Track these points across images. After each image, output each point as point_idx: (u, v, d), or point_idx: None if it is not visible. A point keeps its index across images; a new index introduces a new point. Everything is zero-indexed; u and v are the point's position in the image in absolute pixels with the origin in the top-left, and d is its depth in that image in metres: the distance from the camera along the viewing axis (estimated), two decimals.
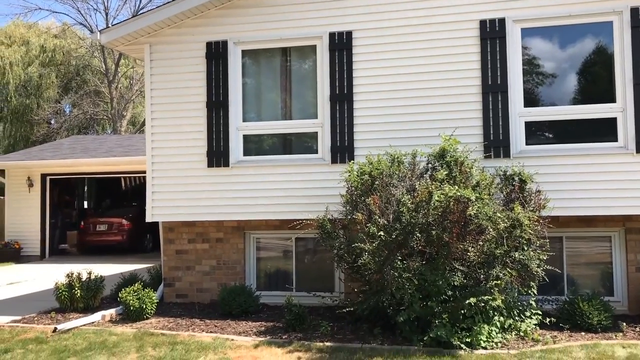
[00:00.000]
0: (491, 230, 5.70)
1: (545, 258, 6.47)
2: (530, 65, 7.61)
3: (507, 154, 7.38)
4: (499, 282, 5.83)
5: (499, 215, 5.78)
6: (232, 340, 6.47)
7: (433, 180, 6.22)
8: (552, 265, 7.23)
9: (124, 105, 35.26)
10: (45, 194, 16.67)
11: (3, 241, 16.49)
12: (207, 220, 8.53)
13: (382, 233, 5.80)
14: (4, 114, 35.38)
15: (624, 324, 6.68)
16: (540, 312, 6.64)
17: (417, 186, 6.06)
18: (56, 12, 52.42)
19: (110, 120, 35.30)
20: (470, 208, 5.56)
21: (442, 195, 5.67)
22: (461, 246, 5.69)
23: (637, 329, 6.63)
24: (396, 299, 6.01)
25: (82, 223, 17.51)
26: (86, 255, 17.04)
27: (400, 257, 5.90)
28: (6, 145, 35.01)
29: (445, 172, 6.22)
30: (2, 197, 18.01)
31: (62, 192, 18.49)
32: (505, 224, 5.77)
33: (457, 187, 5.76)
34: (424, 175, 6.62)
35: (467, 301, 5.73)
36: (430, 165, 6.74)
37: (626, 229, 7.57)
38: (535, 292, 6.65)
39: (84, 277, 8.35)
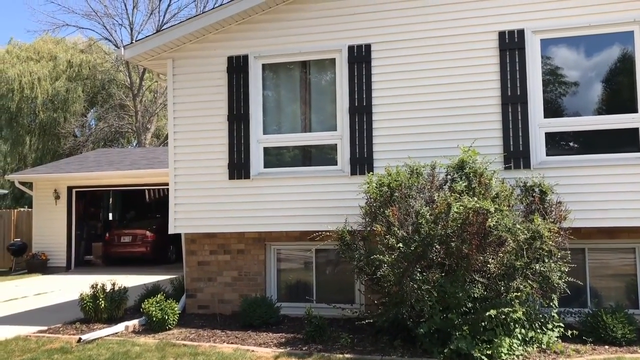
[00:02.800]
0: (511, 241, 5.67)
1: (566, 270, 6.42)
2: (550, 76, 7.59)
3: (527, 165, 7.35)
4: (519, 294, 5.79)
5: (518, 226, 5.76)
6: (253, 351, 6.52)
7: (452, 191, 6.23)
8: (575, 277, 7.17)
9: (148, 118, 35.79)
10: (72, 206, 16.98)
11: (30, 252, 16.83)
12: (229, 232, 8.63)
13: (400, 245, 5.82)
14: (32, 128, 36.19)
15: None
16: (562, 325, 6.57)
17: (435, 198, 6.07)
18: (82, 28, 53.44)
19: (135, 133, 35.84)
20: (490, 219, 5.56)
21: (460, 207, 5.67)
22: (481, 258, 5.68)
23: None
24: (416, 311, 6.01)
25: (107, 235, 17.79)
26: (111, 266, 17.29)
27: (419, 269, 5.91)
28: (34, 158, 35.76)
29: (465, 184, 6.23)
30: (29, 209, 18.39)
31: (87, 204, 18.81)
32: (525, 236, 5.75)
33: (476, 199, 5.76)
34: (443, 186, 6.63)
35: (488, 313, 5.70)
36: (449, 176, 6.75)
37: None
38: (557, 304, 6.59)
39: (108, 288, 8.47)
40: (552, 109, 7.53)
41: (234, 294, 8.68)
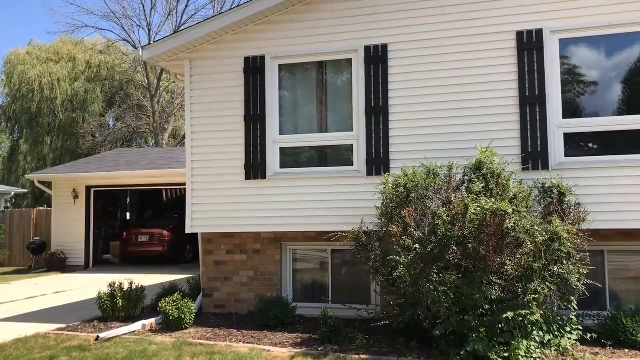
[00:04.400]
0: (529, 243, 5.62)
1: (585, 272, 6.34)
2: (569, 76, 7.51)
3: (545, 166, 7.28)
4: (537, 296, 5.73)
5: (536, 228, 5.70)
6: (269, 351, 6.53)
7: (469, 192, 6.18)
8: (594, 280, 7.07)
9: (166, 118, 36.05)
10: (90, 206, 17.16)
11: (50, 251, 17.03)
12: (245, 232, 8.65)
13: (417, 246, 5.80)
14: (52, 128, 36.63)
15: None
16: (581, 328, 6.49)
17: (452, 199, 6.03)
18: (101, 29, 53.90)
19: (153, 133, 36.14)
20: (508, 221, 5.51)
21: (478, 208, 5.64)
22: (498, 259, 5.63)
23: None
24: (432, 313, 5.98)
25: (125, 234, 17.95)
26: (128, 265, 17.43)
27: (436, 270, 5.88)
28: (53, 158, 36.21)
29: (482, 185, 6.19)
30: (49, 209, 18.61)
31: (105, 203, 19.01)
32: (544, 237, 5.69)
33: (493, 200, 5.71)
34: (460, 187, 6.59)
35: (505, 315, 5.66)
36: (466, 177, 6.71)
37: None
38: (576, 306, 6.52)
39: (126, 287, 8.55)
40: (571, 110, 7.45)
41: (250, 293, 8.71)
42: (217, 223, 8.58)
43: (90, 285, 12.55)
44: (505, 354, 5.73)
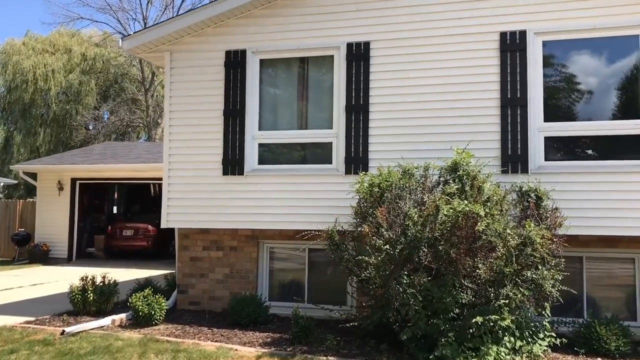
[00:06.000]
0: (500, 247, 5.50)
1: (560, 278, 6.23)
2: (552, 79, 7.40)
3: (525, 170, 7.17)
4: (507, 301, 5.61)
5: (509, 232, 5.59)
6: (236, 350, 6.40)
7: (444, 194, 6.06)
8: (572, 286, 6.99)
9: (160, 113, 35.84)
10: (75, 198, 16.97)
11: (33, 243, 16.85)
12: (222, 228, 8.52)
13: (387, 247, 5.67)
14: (45, 119, 36.43)
15: None
16: (554, 335, 6.37)
17: (425, 199, 5.91)
18: (97, 22, 53.83)
19: (146, 127, 35.95)
20: (479, 224, 5.39)
21: (449, 210, 5.52)
22: (470, 263, 5.51)
23: None
24: (401, 315, 5.85)
25: (109, 228, 17.78)
26: (112, 259, 17.26)
27: (406, 272, 5.75)
28: (46, 150, 35.98)
29: (457, 186, 6.06)
30: (34, 200, 18.43)
31: (92, 196, 18.83)
32: (515, 242, 5.57)
33: (466, 202, 5.59)
34: (436, 188, 6.47)
35: (474, 320, 5.53)
36: (442, 178, 6.58)
37: None
38: (550, 313, 6.41)
39: (99, 281, 8.40)
40: (553, 113, 7.33)
41: (225, 291, 8.58)
42: (193, 219, 8.44)
43: (69, 278, 12.27)
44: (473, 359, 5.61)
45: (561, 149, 7.39)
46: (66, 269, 15.05)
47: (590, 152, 7.27)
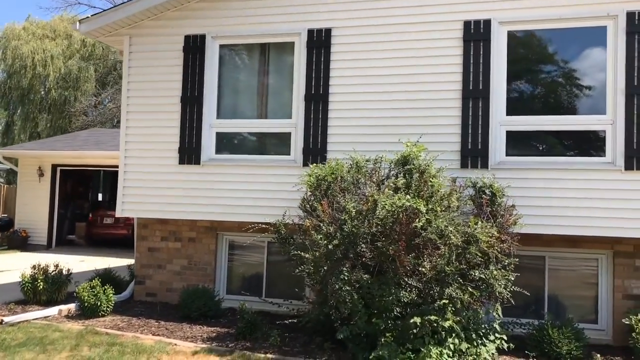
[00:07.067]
0: (440, 245, 5.24)
1: (512, 278, 5.96)
2: (516, 71, 7.08)
3: (485, 165, 6.89)
4: (446, 301, 5.35)
5: (451, 229, 5.31)
6: (175, 345, 6.19)
7: (390, 188, 5.80)
8: (533, 287, 6.82)
9: None
10: (55, 185, 16.77)
11: (12, 229, 16.70)
12: (180, 219, 8.30)
13: (325, 242, 5.42)
14: (44, 105, 36.32)
15: (599, 355, 6.12)
16: (505, 337, 6.11)
17: (367, 193, 5.64)
18: (94, 7, 53.09)
19: None
20: (417, 220, 5.12)
21: (388, 205, 5.25)
22: (407, 261, 5.25)
23: None
24: (340, 313, 5.61)
25: (90, 215, 17.59)
26: (91, 247, 17.07)
27: (348, 269, 5.50)
28: (45, 135, 35.83)
29: (403, 180, 5.80)
30: (14, 186, 18.26)
31: (76, 183, 18.64)
32: (457, 240, 5.30)
33: (408, 197, 5.32)
34: (385, 182, 6.19)
35: (412, 320, 5.28)
36: (392, 172, 6.31)
37: (614, 252, 6.98)
38: (501, 314, 6.16)
39: (52, 269, 8.19)
40: (516, 107, 7.03)
41: (183, 283, 8.37)
42: (149, 208, 8.21)
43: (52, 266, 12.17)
44: None
45: (523, 144, 7.10)
46: (43, 255, 14.84)
47: (553, 148, 6.97)
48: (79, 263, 13.31)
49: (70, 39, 36.88)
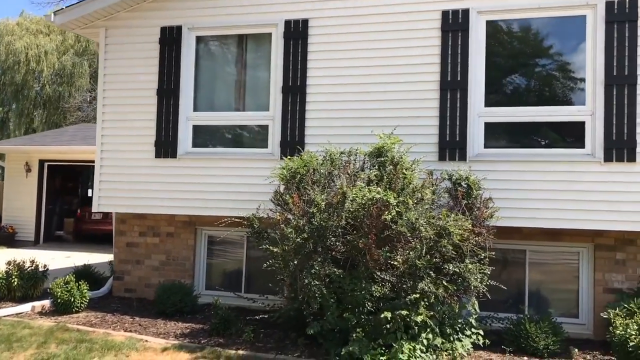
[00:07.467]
0: (410, 238, 5.12)
1: (488, 272, 5.86)
2: (495, 62, 6.95)
3: (463, 157, 6.77)
4: (418, 296, 5.24)
5: (421, 222, 5.20)
6: (145, 341, 6.08)
7: (362, 181, 5.68)
8: (514, 281, 6.76)
9: None
10: (43, 180, 16.61)
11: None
12: (158, 214, 8.18)
13: (294, 235, 5.30)
14: (39, 101, 36.15)
15: (576, 350, 6.02)
16: (481, 332, 6.01)
17: (338, 186, 5.52)
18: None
19: None
20: (387, 212, 5.00)
21: (359, 197, 5.13)
22: (377, 254, 5.13)
23: (589, 357, 5.95)
24: (311, 308, 5.49)
25: (79, 211, 17.45)
26: (81, 243, 16.92)
27: (318, 262, 5.38)
28: (40, 131, 35.67)
29: (375, 173, 5.68)
30: (1, 182, 18.12)
31: (64, 179, 18.47)
32: (427, 233, 5.18)
33: (378, 189, 5.21)
34: (359, 174, 6.06)
35: (383, 315, 5.17)
36: (366, 165, 6.19)
37: (595, 245, 6.87)
38: (477, 308, 6.06)
39: (28, 265, 8.08)
40: (494, 98, 6.91)
41: (161, 278, 8.24)
42: (127, 203, 8.08)
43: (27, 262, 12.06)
44: (383, 357, 5.26)
45: (502, 135, 6.98)
46: (29, 252, 14.69)
47: (532, 139, 6.85)
48: (65, 259, 13.21)
49: (64, 35, 36.62)
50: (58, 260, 12.84)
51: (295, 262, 5.33)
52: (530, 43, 6.97)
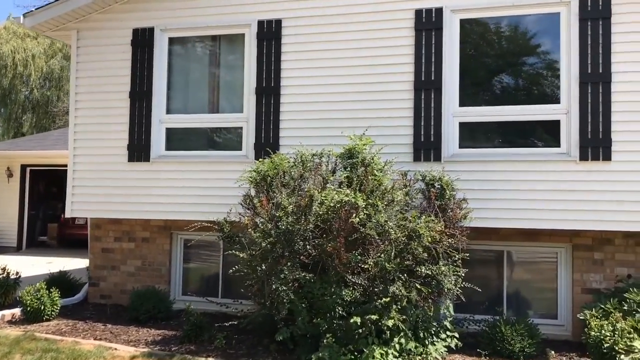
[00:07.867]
0: (379, 240, 5.02)
1: (463, 274, 5.76)
2: (469, 61, 6.86)
3: (438, 158, 6.67)
4: (389, 299, 5.13)
5: (391, 224, 5.09)
6: (115, 350, 5.95)
7: (332, 183, 5.57)
8: (492, 282, 6.69)
9: None
10: (25, 185, 16.42)
11: None
12: (133, 219, 8.05)
13: (261, 240, 5.19)
14: (27, 106, 35.88)
15: (553, 352, 5.94)
16: (457, 335, 5.92)
17: (306, 189, 5.41)
18: None
19: None
20: (355, 215, 4.90)
21: (328, 200, 5.03)
22: (346, 257, 5.02)
23: (565, 359, 5.86)
24: (280, 314, 5.38)
25: (63, 216, 17.24)
26: (64, 248, 16.72)
27: (287, 268, 5.27)
28: (29, 135, 35.38)
29: (346, 174, 5.57)
30: None
31: (48, 184, 18.26)
32: (397, 235, 5.07)
33: (347, 191, 5.10)
34: (331, 177, 5.95)
35: (352, 320, 5.06)
36: (337, 167, 6.08)
37: (573, 246, 6.79)
38: (452, 311, 5.96)
39: None
40: (468, 97, 6.82)
41: (137, 284, 8.10)
42: (101, 207, 7.94)
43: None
44: None
45: (477, 135, 6.89)
46: (10, 258, 14.53)
47: (507, 139, 6.76)
48: (46, 265, 13.01)
49: (52, 38, 36.43)
50: (38, 266, 12.65)
51: (263, 267, 5.21)
52: (505, 42, 6.89)
